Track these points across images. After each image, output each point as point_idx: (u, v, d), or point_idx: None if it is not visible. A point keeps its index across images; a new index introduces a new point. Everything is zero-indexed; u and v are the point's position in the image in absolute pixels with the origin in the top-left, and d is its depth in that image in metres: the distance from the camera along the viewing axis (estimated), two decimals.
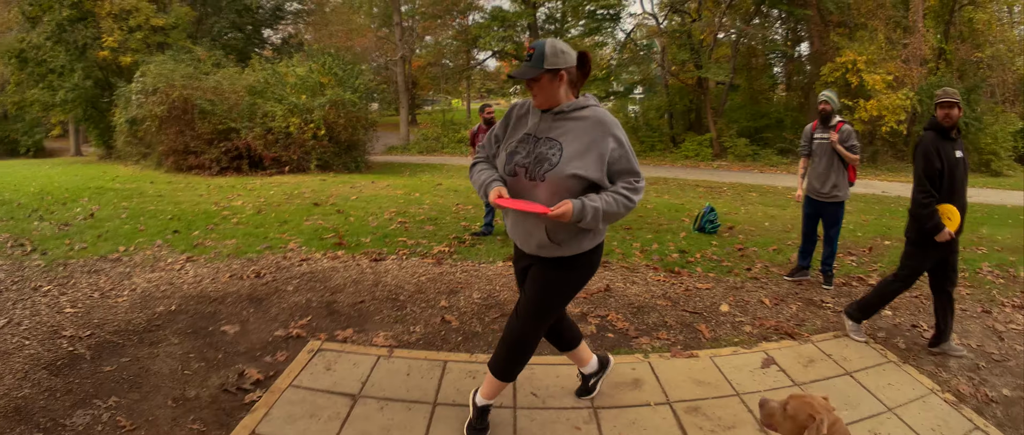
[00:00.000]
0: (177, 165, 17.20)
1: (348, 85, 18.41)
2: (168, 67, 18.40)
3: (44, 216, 9.44)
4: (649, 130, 27.54)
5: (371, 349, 4.41)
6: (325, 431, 3.29)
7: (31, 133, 39.27)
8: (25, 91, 26.38)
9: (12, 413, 3.58)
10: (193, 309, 5.35)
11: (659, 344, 4.55)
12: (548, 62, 2.69)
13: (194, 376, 4.06)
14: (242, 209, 10.15)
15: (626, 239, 7.83)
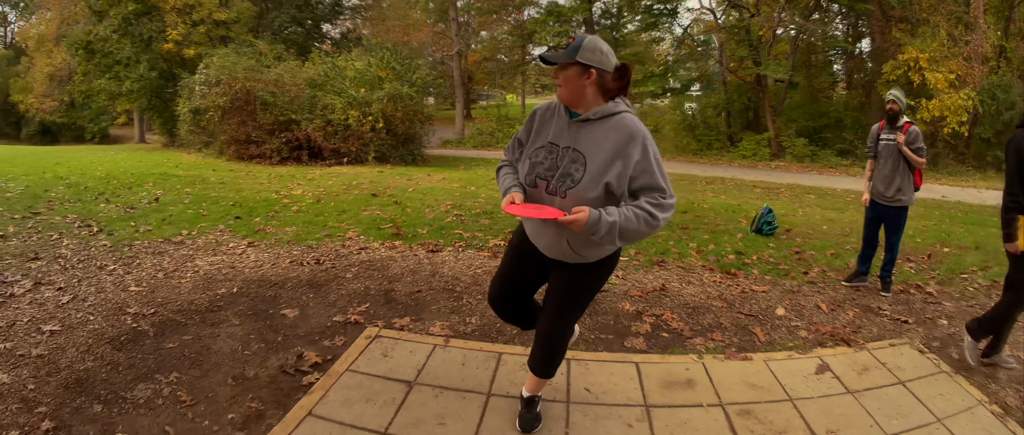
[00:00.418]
0: (239, 154, 17.55)
1: (406, 79, 18.50)
2: (231, 60, 18.81)
3: (110, 199, 9.67)
4: (706, 128, 26.78)
5: (427, 338, 4.41)
6: (380, 415, 3.32)
7: (97, 121, 40.60)
8: (92, 81, 27.44)
9: (74, 384, 3.68)
10: (254, 292, 5.41)
11: (713, 345, 4.45)
12: (581, 54, 2.58)
13: (254, 356, 4.13)
14: (302, 198, 10.25)
15: (682, 239, 7.68)
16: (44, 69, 39.67)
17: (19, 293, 5.27)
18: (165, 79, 25.54)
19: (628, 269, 6.25)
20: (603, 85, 2.65)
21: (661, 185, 2.60)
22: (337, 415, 3.33)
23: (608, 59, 2.62)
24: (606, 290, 5.51)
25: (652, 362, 4.09)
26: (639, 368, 3.98)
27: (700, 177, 17.30)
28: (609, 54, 2.63)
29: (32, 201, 9.28)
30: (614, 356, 4.09)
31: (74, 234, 7.31)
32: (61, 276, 5.76)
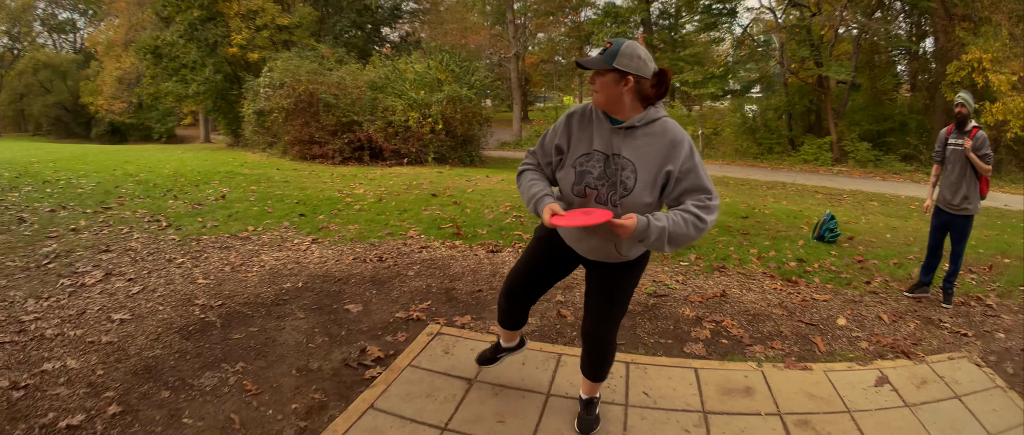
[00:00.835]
0: (302, 154, 17.84)
1: (464, 81, 18.55)
2: (294, 63, 19.12)
3: (178, 196, 9.90)
4: (767, 131, 25.80)
5: (488, 336, 4.40)
6: (441, 411, 3.35)
7: (164, 121, 41.99)
8: (159, 84, 28.39)
9: (143, 371, 3.78)
10: (318, 287, 5.46)
11: (773, 354, 4.31)
12: (619, 61, 2.47)
13: (318, 349, 4.18)
14: (364, 197, 10.33)
15: (743, 245, 7.47)
16: (113, 73, 41.19)
17: (90, 283, 5.43)
18: (230, 82, 26.28)
19: (689, 275, 6.12)
20: (641, 91, 2.56)
21: (707, 187, 2.54)
22: (398, 409, 3.36)
23: (646, 65, 2.52)
24: (666, 295, 5.40)
25: (711, 368, 3.99)
26: (698, 374, 3.89)
27: (761, 182, 16.91)
28: (647, 60, 2.52)
29: (103, 197, 9.58)
30: (673, 361, 4.04)
31: (144, 228, 7.50)
32: (131, 268, 5.91)
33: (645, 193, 2.53)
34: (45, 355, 4.00)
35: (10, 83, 50.87)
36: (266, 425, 3.24)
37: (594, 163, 2.61)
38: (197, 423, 3.24)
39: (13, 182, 11.01)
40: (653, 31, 31.01)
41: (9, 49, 53.31)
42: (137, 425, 3.21)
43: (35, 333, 4.34)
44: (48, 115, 49.23)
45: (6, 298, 4.99)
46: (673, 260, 6.55)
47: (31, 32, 54.32)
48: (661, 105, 2.63)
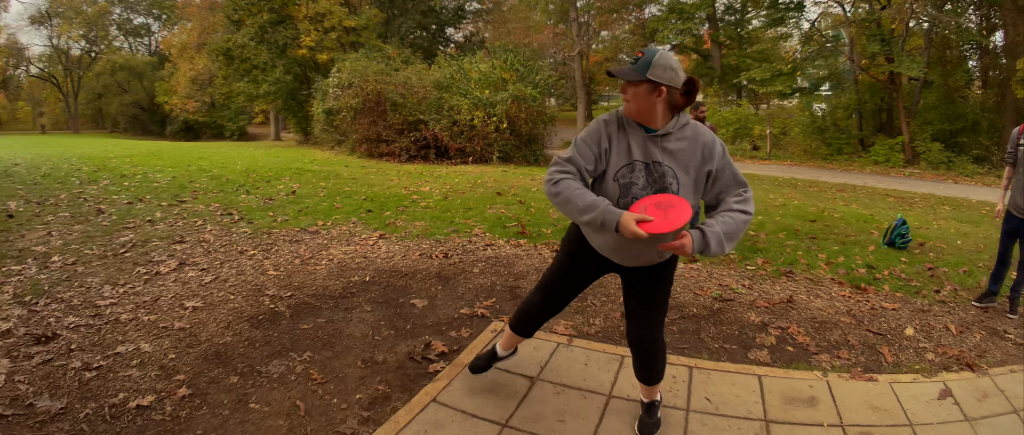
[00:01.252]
0: (369, 152, 18.15)
1: (528, 81, 18.50)
2: (361, 64, 19.45)
3: (250, 191, 10.11)
4: (836, 131, 24.72)
5: (552, 336, 4.33)
6: (502, 407, 3.33)
7: (236, 120, 43.60)
8: (231, 84, 29.42)
9: (213, 357, 3.87)
10: (385, 281, 5.47)
11: (839, 363, 4.10)
12: (653, 71, 2.47)
13: (383, 342, 4.18)
14: (430, 194, 10.37)
15: (811, 249, 7.18)
16: (187, 73, 42.91)
17: (165, 272, 5.57)
18: (299, 82, 26.93)
19: (755, 279, 5.90)
20: (672, 101, 2.56)
21: (742, 180, 2.62)
22: (460, 404, 3.36)
23: (678, 75, 2.52)
24: (731, 299, 5.22)
25: (775, 376, 3.83)
26: (761, 381, 3.73)
27: (830, 184, 16.37)
28: (678, 70, 2.52)
29: (178, 191, 9.87)
30: (737, 367, 3.89)
31: (217, 221, 7.67)
32: (204, 258, 6.05)
33: (689, 196, 2.56)
34: (119, 338, 4.11)
35: (89, 83, 54.06)
36: (330, 413, 3.26)
37: (637, 174, 2.59)
38: (263, 408, 3.28)
39: (92, 176, 11.43)
40: (719, 27, 30.35)
41: (87, 52, 56.83)
42: (205, 408, 3.27)
43: (110, 317, 4.46)
44: (125, 113, 52.16)
45: (84, 284, 5.16)
46: (739, 264, 6.35)
47: (108, 36, 57.88)
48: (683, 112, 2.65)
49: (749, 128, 25.85)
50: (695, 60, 34.05)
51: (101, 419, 3.12)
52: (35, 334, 4.10)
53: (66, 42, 55.75)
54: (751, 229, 7.89)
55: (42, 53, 57.87)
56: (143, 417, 3.16)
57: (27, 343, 3.97)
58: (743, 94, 30.71)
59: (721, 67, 29.76)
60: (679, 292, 5.37)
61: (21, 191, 9.48)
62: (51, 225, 7.16)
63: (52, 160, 14.49)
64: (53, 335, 4.11)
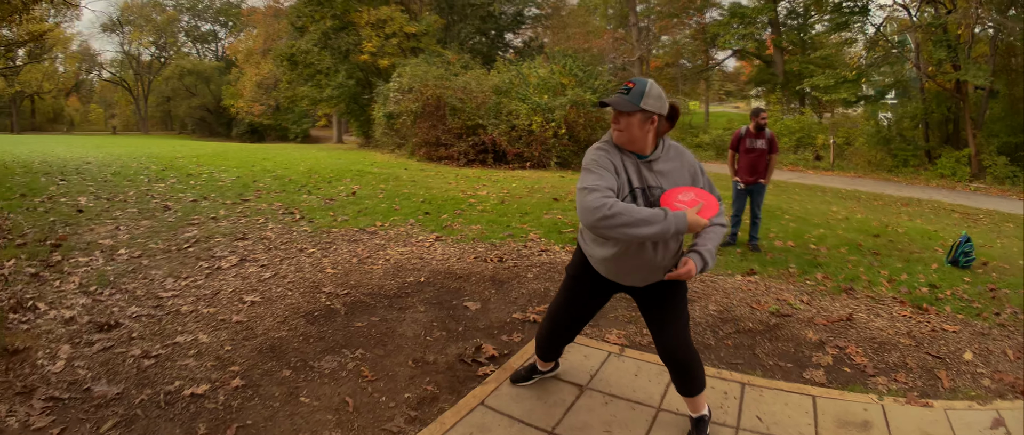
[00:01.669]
0: (428, 155, 18.32)
1: (587, 86, 18.42)
2: (422, 69, 19.67)
3: (311, 191, 10.27)
4: (902, 142, 23.52)
5: (603, 345, 4.25)
6: (549, 415, 3.28)
7: (299, 123, 45.06)
8: (295, 88, 30.19)
9: (268, 350, 3.94)
10: (440, 283, 5.46)
11: (896, 387, 3.88)
12: (646, 101, 2.56)
13: (435, 343, 4.18)
14: (487, 198, 10.37)
15: (873, 266, 6.87)
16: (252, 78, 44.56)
17: (226, 267, 5.69)
18: (361, 86, 27.39)
19: (815, 295, 5.66)
20: (660, 128, 2.70)
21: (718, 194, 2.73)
22: (507, 408, 3.33)
23: (665, 104, 2.65)
24: (789, 315, 5.02)
25: (830, 397, 3.64)
26: (815, 402, 3.56)
27: (894, 197, 15.78)
28: (664, 99, 2.65)
29: (242, 189, 10.08)
30: (791, 386, 3.73)
31: (278, 219, 7.80)
32: (265, 255, 6.15)
33: None
34: (178, 329, 4.22)
35: (158, 87, 56.98)
36: (378, 411, 3.26)
37: (638, 200, 2.65)
38: (313, 402, 3.31)
39: (160, 174, 11.78)
40: (781, 32, 29.57)
41: (157, 57, 60.12)
42: (257, 399, 3.32)
43: (171, 309, 4.58)
44: (192, 116, 54.68)
45: (147, 276, 5.31)
46: (799, 279, 6.11)
47: (176, 42, 61.19)
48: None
49: (812, 137, 24.89)
50: (757, 66, 33.32)
51: (155, 405, 3.20)
52: (98, 322, 4.24)
53: (137, 48, 59.13)
54: (812, 243, 7.68)
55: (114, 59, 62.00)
56: (196, 405, 3.22)
57: (89, 330, 4.11)
58: (806, 102, 29.65)
59: (784, 73, 28.89)
60: (735, 305, 5.22)
61: (92, 188, 9.83)
62: (119, 220, 7.40)
63: (122, 159, 15.01)
64: (115, 323, 4.23)
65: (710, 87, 43.25)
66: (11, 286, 4.95)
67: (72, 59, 56.15)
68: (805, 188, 16.42)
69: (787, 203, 12.06)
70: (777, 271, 6.20)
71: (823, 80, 24.23)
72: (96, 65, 61.39)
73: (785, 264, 6.48)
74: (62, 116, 60.37)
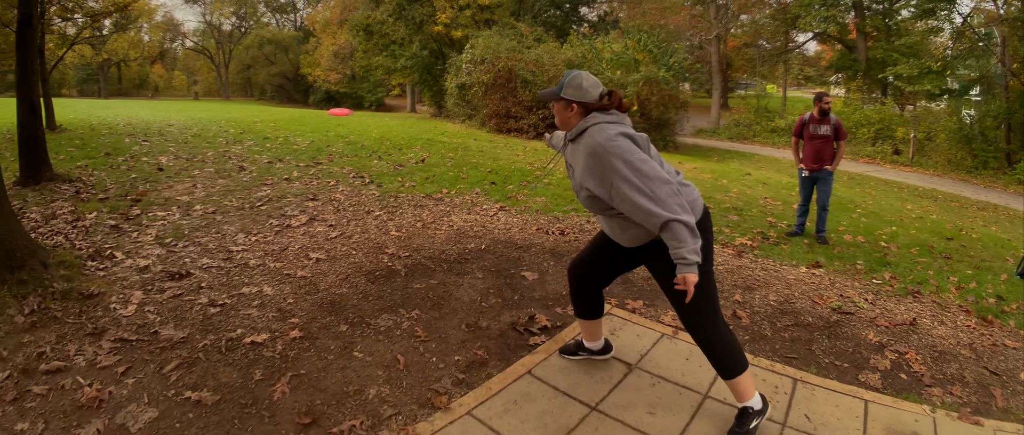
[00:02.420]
0: (498, 127, 18.35)
1: (662, 63, 18.09)
2: (494, 41, 19.66)
3: (382, 157, 10.43)
4: (983, 142, 21.82)
5: (657, 325, 4.18)
6: (594, 390, 3.28)
7: (374, 92, 46.17)
8: (371, 58, 30.64)
9: (328, 305, 4.08)
10: (500, 251, 5.49)
11: (950, 400, 3.67)
12: (564, 91, 2.83)
13: (489, 309, 4.22)
14: (553, 172, 10.33)
15: (943, 270, 6.50)
16: (329, 47, 45.45)
17: (296, 225, 5.88)
18: (435, 57, 27.61)
19: (880, 295, 5.42)
20: (587, 111, 2.85)
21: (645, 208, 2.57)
22: (553, 379, 3.34)
23: (590, 93, 2.82)
24: (852, 313, 4.83)
25: (882, 404, 3.48)
26: (867, 407, 3.40)
27: (971, 200, 14.99)
28: (590, 88, 2.82)
29: (316, 153, 10.32)
30: (844, 388, 3.59)
31: (348, 183, 7.98)
32: (333, 215, 6.33)
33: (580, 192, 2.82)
34: (245, 281, 4.40)
35: (238, 55, 59.29)
36: (427, 370, 3.33)
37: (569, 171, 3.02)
38: (366, 358, 3.41)
39: (238, 137, 12.15)
40: (865, 15, 28.23)
41: (237, 27, 62.69)
42: (313, 351, 3.45)
43: (240, 262, 4.78)
44: (271, 83, 56.66)
45: (220, 231, 5.55)
46: (865, 276, 5.87)
47: (256, 13, 63.65)
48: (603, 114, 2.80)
49: (892, 130, 23.61)
50: (839, 51, 31.91)
51: (217, 350, 3.37)
52: (170, 271, 4.46)
53: (218, 18, 61.64)
54: (883, 241, 7.34)
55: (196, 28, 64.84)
56: (255, 352, 3.37)
57: (162, 279, 4.33)
58: (888, 92, 28.27)
59: (866, 60, 27.61)
60: (796, 297, 5.07)
61: (172, 148, 10.24)
62: (197, 178, 7.69)
63: (202, 122, 15.52)
64: (186, 273, 4.45)
65: (789, 70, 41.79)
66: (91, 236, 5.25)
67: (156, 29, 58.69)
68: (881, 183, 15.86)
69: (860, 197, 11.66)
70: (844, 266, 5.99)
71: (907, 69, 23.13)
72: (179, 34, 64.19)
73: (853, 260, 6.25)
74: (147, 82, 63.40)
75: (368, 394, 3.05)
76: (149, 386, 3.02)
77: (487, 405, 3.05)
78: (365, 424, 2.81)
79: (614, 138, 2.63)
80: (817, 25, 29.12)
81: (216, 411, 2.85)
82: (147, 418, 2.78)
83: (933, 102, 25.56)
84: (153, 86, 63.61)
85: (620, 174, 2.56)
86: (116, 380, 3.06)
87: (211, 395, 2.95)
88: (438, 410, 2.97)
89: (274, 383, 3.08)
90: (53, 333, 3.49)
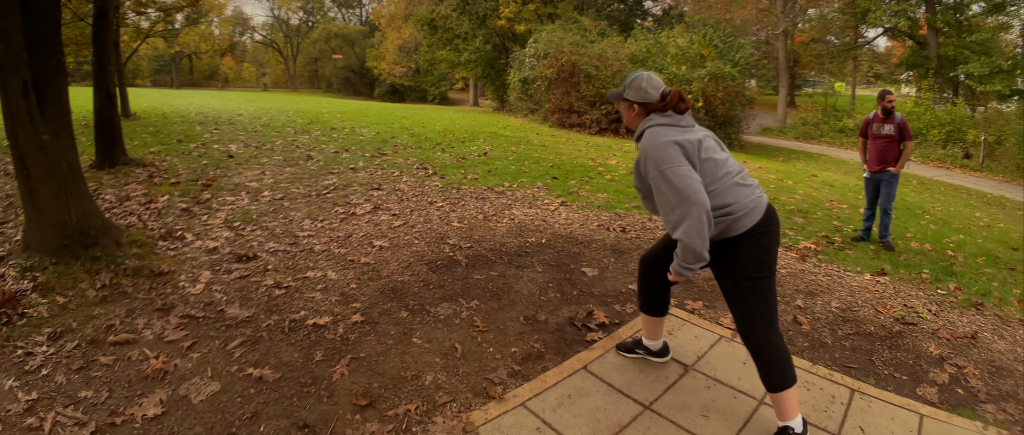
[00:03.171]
0: (560, 121, 18.22)
1: (728, 58, 17.62)
2: (558, 35, 19.54)
3: (445, 149, 10.55)
4: None
5: (716, 327, 4.11)
6: (648, 389, 3.24)
7: (437, 85, 46.66)
8: (435, 52, 30.90)
9: (390, 291, 4.17)
10: (560, 246, 5.48)
11: (1002, 418, 3.46)
12: (627, 92, 2.93)
13: (548, 303, 4.22)
14: (616, 168, 10.26)
15: (1007, 282, 6.16)
16: (394, 41, 46.31)
17: (360, 213, 6.02)
18: (498, 51, 27.66)
19: (944, 305, 5.18)
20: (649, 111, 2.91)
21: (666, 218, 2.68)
22: (608, 376, 3.32)
23: (650, 94, 2.88)
24: (914, 324, 4.64)
25: (937, 419, 3.32)
26: (922, 422, 3.26)
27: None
28: (649, 90, 2.88)
29: (381, 145, 10.50)
30: (901, 400, 3.44)
31: (412, 173, 8.10)
32: (397, 205, 6.44)
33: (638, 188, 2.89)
34: (310, 265, 4.53)
35: (306, 49, 61.42)
36: (484, 360, 3.35)
37: None
38: (424, 344, 3.46)
39: (306, 127, 12.43)
40: (936, 10, 26.99)
41: (305, 21, 64.75)
42: (373, 335, 3.51)
43: (305, 246, 4.91)
44: (338, 76, 58.45)
45: (287, 217, 5.71)
46: (930, 286, 5.63)
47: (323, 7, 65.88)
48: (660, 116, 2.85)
49: (963, 132, 22.48)
50: (909, 47, 30.64)
51: (280, 330, 3.47)
52: (238, 253, 4.62)
53: (286, 12, 63.76)
54: (950, 249, 7.03)
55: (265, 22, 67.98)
56: (316, 334, 3.47)
57: (229, 260, 4.49)
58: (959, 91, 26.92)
59: (937, 57, 26.43)
60: (859, 305, 4.90)
61: (242, 136, 10.55)
62: (265, 166, 7.90)
63: (271, 112, 15.95)
64: (253, 256, 4.60)
65: (858, 68, 40.43)
66: (163, 218, 5.47)
67: (227, 23, 60.80)
68: (950, 188, 15.24)
69: (929, 202, 11.24)
70: (909, 275, 5.76)
71: (977, 67, 22.03)
72: (249, 28, 66.66)
73: (918, 268, 6.00)
74: (217, 74, 65.77)
75: (425, 380, 3.09)
76: (213, 361, 3.14)
77: (541, 398, 3.05)
78: (420, 409, 2.85)
79: (663, 146, 2.67)
80: (887, 20, 28.02)
81: (276, 388, 2.94)
82: (210, 391, 2.89)
83: (1003, 103, 24.36)
84: (223, 77, 65.95)
85: (656, 183, 2.65)
86: (182, 354, 3.19)
87: (272, 372, 3.04)
88: (492, 400, 2.98)
89: (334, 364, 3.15)
90: (123, 307, 3.67)
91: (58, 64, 4.32)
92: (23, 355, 3.10)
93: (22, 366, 3.01)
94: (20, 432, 2.55)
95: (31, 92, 3.93)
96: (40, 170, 4.04)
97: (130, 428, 2.60)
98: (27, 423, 2.59)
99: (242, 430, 2.62)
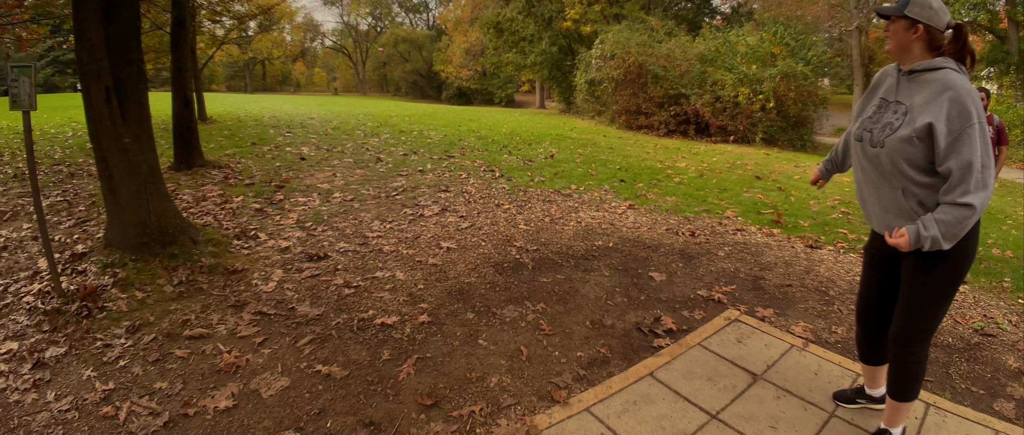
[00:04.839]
0: (628, 123, 18.11)
1: (800, 56, 17.07)
2: (624, 35, 19.41)
3: (512, 151, 10.59)
4: None
5: (786, 336, 3.98)
6: (716, 398, 3.16)
7: (504, 88, 47.04)
8: (501, 55, 31.17)
9: (456, 292, 4.26)
10: (627, 250, 5.42)
11: None
12: (910, 9, 2.37)
13: (614, 308, 4.17)
14: (685, 171, 10.12)
15: None
16: (461, 45, 47.18)
17: (428, 215, 6.09)
18: (564, 53, 27.71)
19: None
20: (932, 43, 2.41)
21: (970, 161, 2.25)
22: (675, 384, 3.26)
23: (940, 17, 2.37)
24: (994, 335, 4.40)
25: None
26: None
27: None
28: (940, 12, 2.37)
29: (448, 147, 10.62)
30: (977, 416, 3.26)
31: (479, 176, 8.16)
32: (464, 207, 6.50)
33: (908, 138, 2.36)
34: (379, 265, 4.61)
35: (375, 54, 63.76)
36: (549, 364, 3.33)
37: (875, 109, 2.59)
38: (490, 346, 3.47)
39: (375, 130, 12.69)
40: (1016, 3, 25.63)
41: (373, 27, 67.33)
42: (440, 335, 3.55)
43: (374, 247, 5.01)
44: (406, 80, 60.06)
45: (357, 218, 5.83)
46: (1011, 296, 5.33)
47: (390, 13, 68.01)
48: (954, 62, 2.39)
49: None
50: (989, 42, 29.30)
51: (349, 329, 3.54)
52: (309, 253, 4.75)
53: (355, 19, 66.22)
54: None
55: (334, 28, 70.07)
56: (384, 333, 3.52)
57: (301, 259, 4.62)
58: None
59: (1019, 52, 25.19)
60: None
61: (314, 139, 10.83)
62: (336, 168, 8.09)
63: (341, 116, 16.35)
64: (324, 255, 4.72)
65: None
66: (237, 218, 5.65)
67: (297, 29, 62.72)
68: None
69: (1011, 206, 10.71)
70: (990, 283, 5.46)
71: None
72: (319, 34, 68.59)
73: (1000, 276, 5.69)
74: (289, 79, 68.33)
75: (490, 382, 3.09)
76: (283, 357, 3.22)
77: (606, 403, 3.02)
78: (484, 411, 2.85)
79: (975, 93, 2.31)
80: (965, 13, 26.63)
81: (344, 385, 2.99)
82: (279, 386, 2.96)
83: None
84: (295, 82, 68.38)
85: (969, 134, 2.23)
86: (253, 349, 3.29)
87: (340, 370, 3.10)
88: (557, 404, 2.97)
89: (401, 364, 3.19)
90: (198, 303, 3.81)
91: (138, 71, 4.52)
92: (102, 346, 3.25)
93: (100, 357, 3.16)
94: (96, 420, 2.67)
95: (113, 98, 4.11)
96: (121, 172, 4.23)
97: (202, 419, 2.69)
98: (103, 412, 2.72)
99: (309, 425, 2.68)
